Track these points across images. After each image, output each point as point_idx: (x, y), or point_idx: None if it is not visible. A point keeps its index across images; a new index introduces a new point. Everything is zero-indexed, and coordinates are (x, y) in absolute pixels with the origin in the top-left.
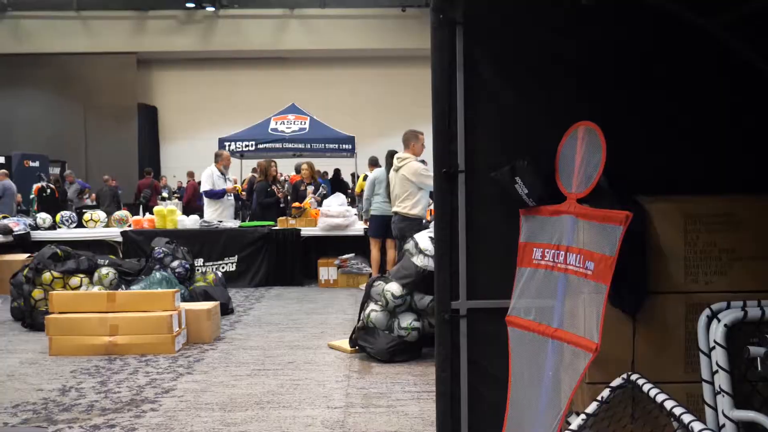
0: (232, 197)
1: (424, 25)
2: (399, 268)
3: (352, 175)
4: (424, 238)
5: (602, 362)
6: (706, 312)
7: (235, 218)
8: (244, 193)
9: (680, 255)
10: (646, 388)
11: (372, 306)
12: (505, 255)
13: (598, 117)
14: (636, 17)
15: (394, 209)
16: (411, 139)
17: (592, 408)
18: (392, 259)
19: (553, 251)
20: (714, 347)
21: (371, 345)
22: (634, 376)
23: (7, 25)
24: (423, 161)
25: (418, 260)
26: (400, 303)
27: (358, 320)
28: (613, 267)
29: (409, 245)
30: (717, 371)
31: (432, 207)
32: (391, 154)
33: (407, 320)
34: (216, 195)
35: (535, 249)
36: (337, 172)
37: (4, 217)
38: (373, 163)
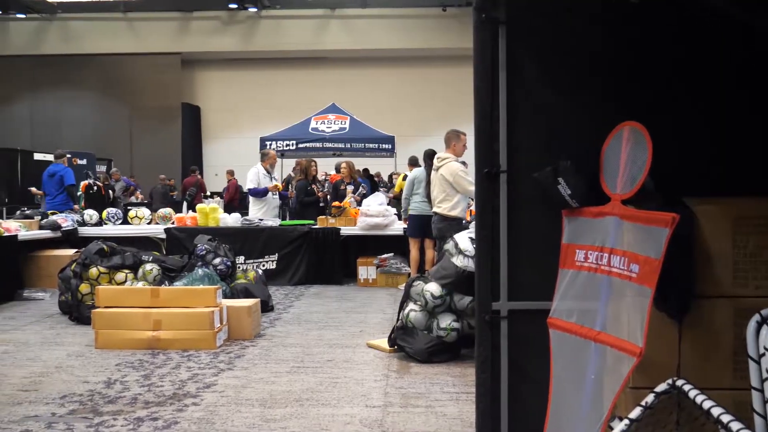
0: (277, 196)
1: (464, 25)
2: (438, 268)
3: (391, 174)
4: (463, 239)
5: (646, 367)
6: (756, 317)
7: (278, 217)
8: (292, 192)
9: (728, 258)
10: (692, 394)
11: (411, 306)
12: (546, 256)
13: (642, 116)
14: (681, 16)
15: (434, 209)
16: (452, 139)
17: (635, 413)
18: (431, 259)
19: (596, 253)
20: (764, 354)
21: (410, 345)
22: (679, 382)
23: (57, 27)
24: (463, 162)
25: (458, 260)
26: (440, 303)
27: (397, 320)
28: (659, 270)
29: (448, 245)
30: (767, 379)
31: (472, 207)
32: (430, 154)
33: (446, 321)
34: (259, 194)
35: (577, 251)
36: (365, 171)
37: (52, 214)
38: (413, 162)
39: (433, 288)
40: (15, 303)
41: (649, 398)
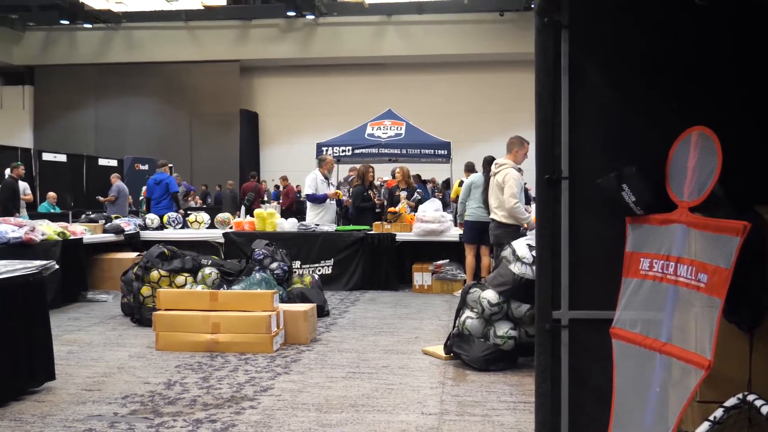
0: (335, 202)
1: (522, 29)
2: (496, 275)
3: (446, 180)
4: (521, 246)
5: (715, 380)
6: None
7: (335, 222)
8: (348, 200)
9: None
10: (764, 410)
11: (467, 313)
12: (609, 264)
13: (710, 121)
14: (748, 16)
15: (491, 216)
16: (515, 145)
17: (703, 428)
18: (487, 265)
19: (662, 262)
20: None
21: (466, 352)
22: (750, 397)
23: (122, 36)
24: (520, 170)
25: (516, 268)
26: (497, 311)
27: (453, 327)
28: (729, 280)
29: (506, 252)
30: None
31: (532, 215)
32: (489, 161)
33: (503, 329)
34: (318, 200)
35: (642, 259)
36: (417, 177)
37: (116, 218)
38: (470, 168)
39: (490, 295)
40: (80, 304)
41: (718, 413)
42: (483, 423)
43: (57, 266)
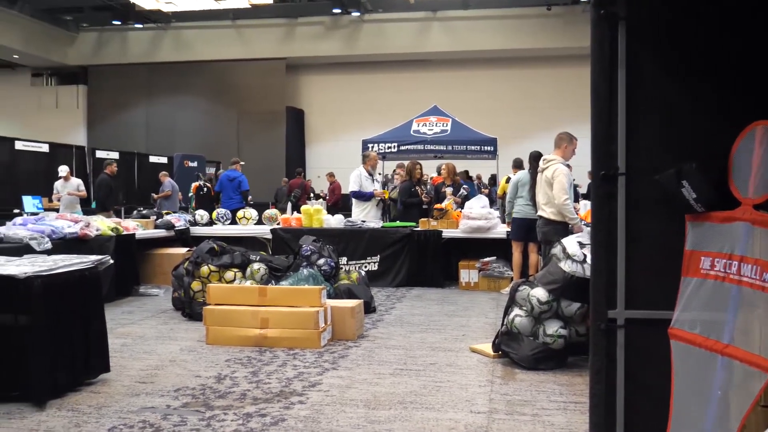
0: (380, 199)
1: (570, 24)
2: (545, 273)
3: (491, 177)
4: (572, 243)
5: None
6: None
7: (380, 219)
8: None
9: None
10: None
11: (516, 311)
12: (667, 263)
13: None
14: None
15: (539, 212)
16: (564, 141)
17: None
18: (535, 263)
19: (724, 261)
20: None
21: (515, 351)
22: None
23: (171, 35)
24: (568, 165)
25: (566, 265)
26: (546, 309)
27: (502, 324)
28: None
29: (556, 250)
30: None
31: (581, 211)
32: (536, 156)
33: (553, 327)
34: (363, 197)
35: (703, 258)
36: (465, 173)
37: (167, 214)
38: (517, 165)
39: (539, 293)
40: (132, 298)
41: None
42: (533, 423)
43: (111, 261)
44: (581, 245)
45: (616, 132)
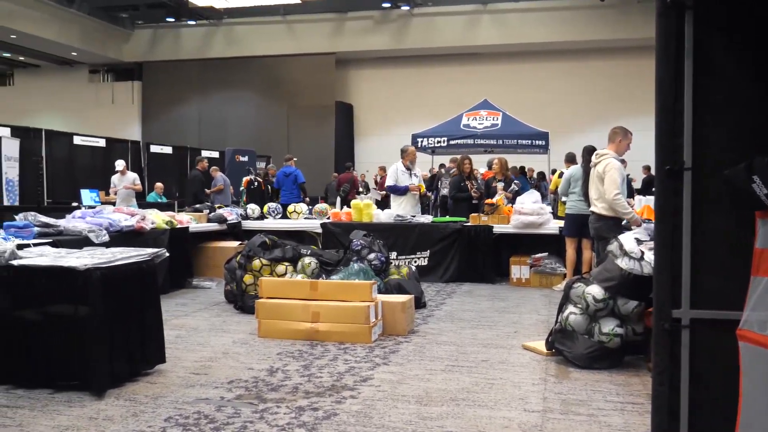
0: (417, 193)
1: (623, 15)
2: (601, 270)
3: (540, 172)
4: (629, 240)
5: None
6: None
7: (422, 213)
8: (429, 194)
9: None
10: None
11: (571, 308)
12: (735, 261)
13: None
14: None
15: (591, 208)
16: (619, 135)
17: None
18: (588, 259)
19: None
20: None
21: (569, 349)
22: None
23: (222, 31)
24: (622, 160)
25: (623, 263)
26: (602, 307)
27: (556, 322)
28: None
29: (612, 246)
30: None
31: (632, 206)
32: (589, 150)
33: (609, 326)
34: (397, 191)
35: None
36: (521, 169)
37: (220, 207)
38: (570, 159)
39: (595, 291)
40: (186, 291)
41: None
42: (589, 423)
43: (167, 254)
44: (638, 242)
45: (682, 125)
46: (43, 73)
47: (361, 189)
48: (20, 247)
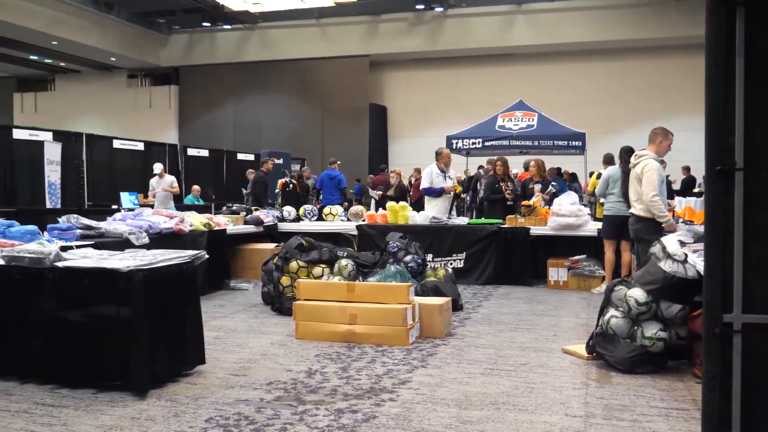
0: (452, 195)
1: (660, 14)
2: (643, 272)
3: (572, 174)
4: (672, 242)
5: None
6: None
7: (459, 215)
8: (464, 195)
9: None
10: None
11: (612, 312)
12: None
13: None
14: None
15: (631, 210)
16: (659, 136)
17: None
18: (627, 262)
19: None
20: None
21: (610, 353)
22: None
23: (257, 35)
24: (662, 161)
25: (666, 265)
26: (645, 311)
27: (596, 325)
28: None
29: (655, 248)
30: None
31: (673, 207)
32: (627, 151)
33: (652, 329)
34: (433, 193)
35: None
36: (557, 170)
37: (256, 210)
38: (608, 160)
39: (637, 294)
40: (223, 292)
41: None
42: (633, 429)
43: (207, 256)
44: (682, 244)
45: (733, 125)
46: (83, 79)
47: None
48: (63, 248)
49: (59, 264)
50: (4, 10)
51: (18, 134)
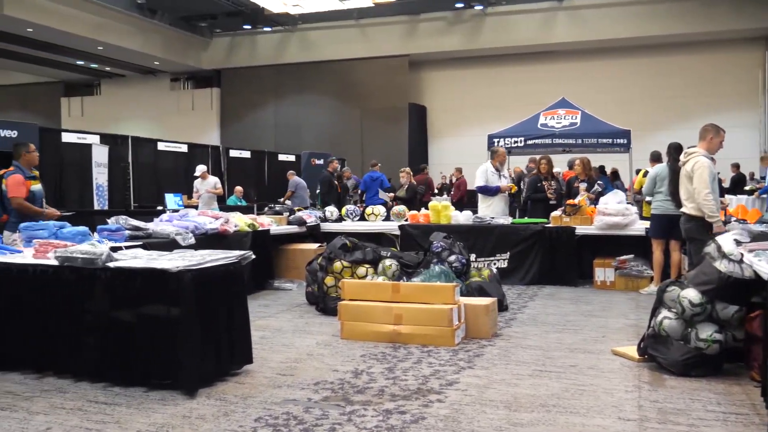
0: (507, 194)
1: (706, 8)
2: (698, 273)
3: (612, 172)
4: (728, 241)
5: None
6: None
7: (508, 214)
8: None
9: None
10: None
11: (665, 313)
12: None
13: None
14: None
15: (682, 209)
16: (710, 133)
17: None
18: (677, 262)
19: None
20: None
21: (663, 355)
22: None
23: (297, 37)
24: (712, 159)
25: (722, 265)
26: (699, 312)
27: (648, 327)
28: None
29: (710, 248)
30: None
31: (726, 205)
32: (676, 148)
33: (707, 331)
34: (489, 192)
35: None
36: (601, 168)
37: (298, 210)
38: (655, 158)
39: (691, 294)
40: (267, 292)
41: None
42: None
43: (254, 256)
44: (738, 243)
45: None
46: (127, 83)
47: (436, 191)
48: (113, 249)
49: (111, 264)
50: (53, 17)
51: (67, 138)
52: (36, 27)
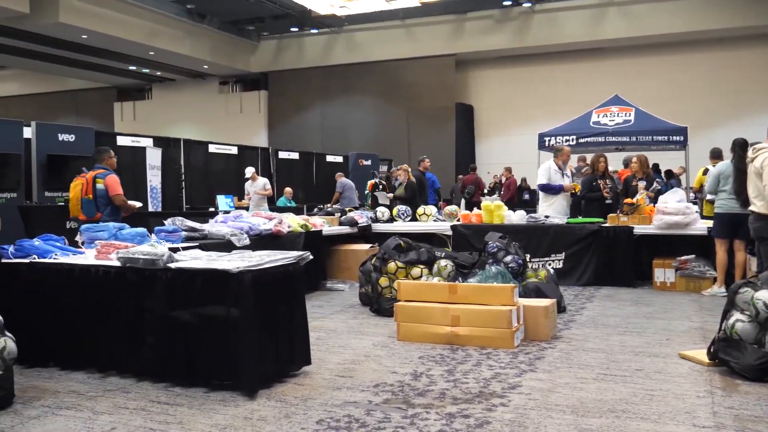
0: (569, 194)
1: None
2: None
3: (666, 170)
4: None
5: None
6: None
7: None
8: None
9: None
10: None
11: (737, 315)
12: None
13: None
14: None
15: (750, 207)
16: None
17: None
18: (742, 262)
19: None
20: None
21: (735, 359)
22: None
23: (344, 38)
24: None
25: None
26: None
27: (719, 330)
28: None
29: None
30: None
31: None
32: (741, 144)
33: None
34: (551, 190)
35: None
36: (654, 166)
37: (350, 210)
38: (716, 155)
39: (765, 296)
40: (320, 293)
41: None
42: None
43: (311, 257)
44: None
45: None
46: (177, 87)
47: (486, 191)
48: (171, 250)
49: (172, 265)
50: (107, 24)
51: (121, 141)
52: (90, 33)
